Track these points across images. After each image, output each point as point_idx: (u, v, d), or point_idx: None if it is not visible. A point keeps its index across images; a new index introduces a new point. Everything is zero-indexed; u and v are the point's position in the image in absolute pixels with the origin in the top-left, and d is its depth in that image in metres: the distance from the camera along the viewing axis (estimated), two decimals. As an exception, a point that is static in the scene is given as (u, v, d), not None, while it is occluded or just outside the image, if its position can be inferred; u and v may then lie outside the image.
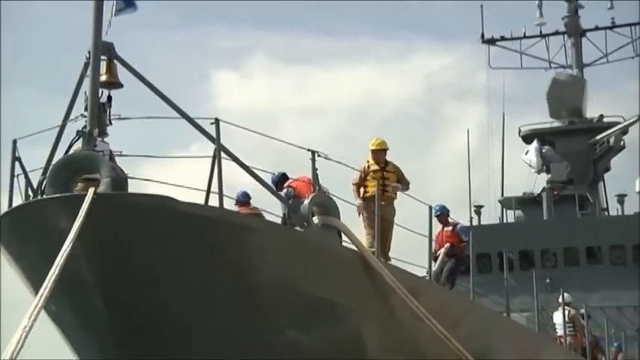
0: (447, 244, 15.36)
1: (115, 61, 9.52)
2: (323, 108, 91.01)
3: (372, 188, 13.01)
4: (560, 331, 19.38)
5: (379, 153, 13.44)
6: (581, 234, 33.84)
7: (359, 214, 13.04)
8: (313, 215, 10.85)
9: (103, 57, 9.32)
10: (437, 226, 15.46)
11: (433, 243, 14.70)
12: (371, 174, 13.24)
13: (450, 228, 15.70)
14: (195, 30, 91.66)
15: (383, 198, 12.88)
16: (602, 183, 40.34)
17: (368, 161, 13.39)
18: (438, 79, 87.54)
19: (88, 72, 9.23)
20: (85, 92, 9.22)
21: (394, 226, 13.16)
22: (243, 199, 12.73)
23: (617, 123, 39.05)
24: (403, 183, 13.41)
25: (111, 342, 9.57)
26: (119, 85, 9.64)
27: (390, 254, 13.02)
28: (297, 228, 10.70)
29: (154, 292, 9.39)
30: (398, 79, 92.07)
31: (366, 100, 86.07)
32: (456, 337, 11.86)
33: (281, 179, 12.66)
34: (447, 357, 11.68)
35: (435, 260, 14.97)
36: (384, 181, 13.18)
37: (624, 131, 39.06)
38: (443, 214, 15.74)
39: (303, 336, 10.40)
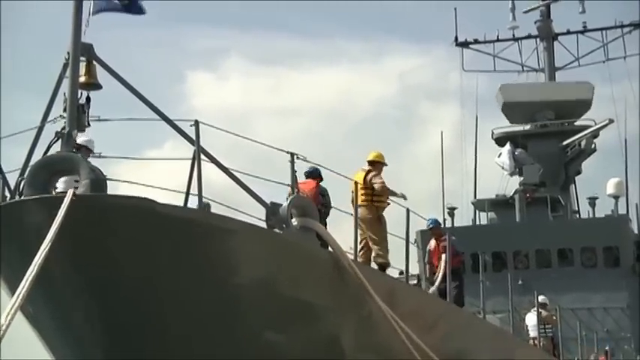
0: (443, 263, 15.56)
1: (94, 62, 9.44)
2: (297, 108, 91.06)
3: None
4: (533, 333, 19.45)
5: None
6: (553, 236, 34.04)
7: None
8: (292, 217, 10.82)
9: (82, 58, 9.24)
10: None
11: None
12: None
13: (444, 242, 15.81)
14: (172, 31, 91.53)
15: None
16: (573, 185, 40.55)
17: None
18: (412, 80, 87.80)
19: (67, 73, 9.16)
20: (64, 93, 9.14)
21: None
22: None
23: (588, 126, 39.18)
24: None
25: (88, 342, 9.50)
26: (98, 87, 9.53)
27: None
28: (277, 230, 10.67)
29: (132, 293, 9.33)
30: (372, 80, 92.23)
31: (340, 100, 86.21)
32: (433, 339, 11.87)
33: (311, 175, 12.87)
34: (421, 356, 11.66)
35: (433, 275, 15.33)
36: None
37: (595, 134, 39.22)
38: (436, 227, 15.91)
39: (281, 336, 10.38)
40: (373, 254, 13.80)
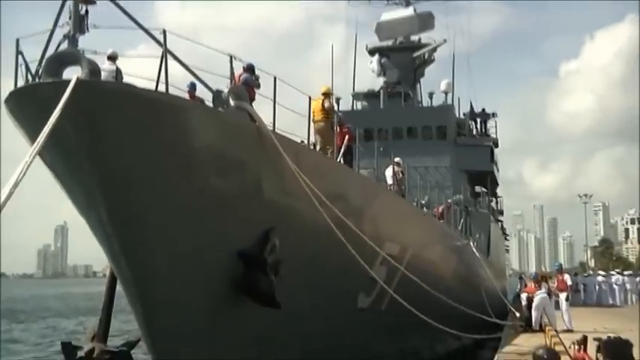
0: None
1: None
2: (234, 28, 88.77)
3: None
4: (389, 181, 19.91)
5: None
6: (404, 118, 35.19)
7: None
8: (231, 100, 10.71)
9: None
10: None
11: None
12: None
13: (346, 130, 15.94)
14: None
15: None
16: (419, 84, 41.49)
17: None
18: (314, 8, 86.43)
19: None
20: (70, 6, 8.77)
21: None
22: (192, 89, 12.44)
23: (430, 44, 40.34)
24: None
25: (89, 182, 9.38)
26: (93, 2, 9.12)
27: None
28: (220, 109, 10.57)
29: (117, 149, 9.19)
30: (287, 8, 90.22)
31: (264, 23, 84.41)
32: (323, 185, 12.02)
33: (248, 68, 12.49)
34: (314, 197, 11.82)
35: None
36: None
37: (434, 49, 40.53)
38: (341, 120, 15.99)
39: (223, 182, 10.40)
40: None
